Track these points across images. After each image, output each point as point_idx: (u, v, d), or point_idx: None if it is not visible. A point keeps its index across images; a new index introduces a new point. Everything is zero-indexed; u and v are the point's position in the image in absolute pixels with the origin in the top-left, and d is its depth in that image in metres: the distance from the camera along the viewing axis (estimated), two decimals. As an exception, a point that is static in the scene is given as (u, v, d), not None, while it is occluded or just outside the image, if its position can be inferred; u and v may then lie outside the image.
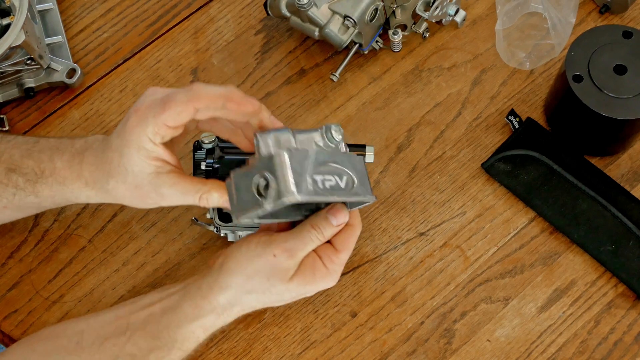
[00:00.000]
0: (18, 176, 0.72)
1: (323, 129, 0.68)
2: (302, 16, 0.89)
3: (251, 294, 0.70)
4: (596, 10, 0.98)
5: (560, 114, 0.89)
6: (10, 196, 0.73)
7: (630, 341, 0.83)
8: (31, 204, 0.75)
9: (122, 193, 0.68)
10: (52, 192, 0.73)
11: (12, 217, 0.79)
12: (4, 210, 0.76)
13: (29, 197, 0.73)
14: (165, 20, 0.99)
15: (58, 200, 0.74)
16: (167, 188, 0.66)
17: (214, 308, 0.70)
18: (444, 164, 0.91)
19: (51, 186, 0.72)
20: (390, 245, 0.87)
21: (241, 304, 0.71)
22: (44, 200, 0.74)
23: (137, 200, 0.69)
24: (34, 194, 0.73)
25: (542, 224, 0.87)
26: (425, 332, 0.83)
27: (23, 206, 0.75)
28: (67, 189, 0.72)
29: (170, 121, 0.63)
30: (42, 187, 0.72)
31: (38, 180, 0.72)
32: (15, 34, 0.85)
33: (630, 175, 0.90)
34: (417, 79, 0.95)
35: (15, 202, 0.74)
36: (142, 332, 0.69)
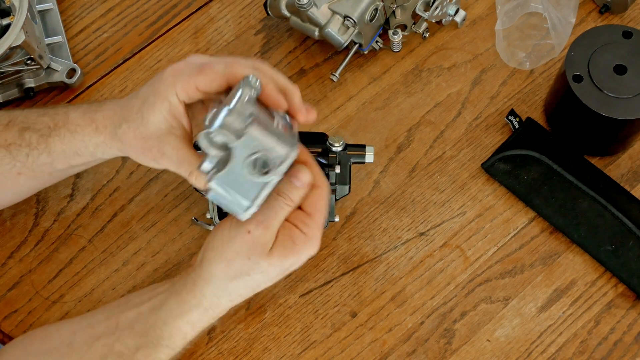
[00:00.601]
0: (32, 134, 0.74)
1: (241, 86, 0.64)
2: (302, 16, 0.89)
3: (236, 280, 0.68)
4: (596, 10, 0.98)
5: (560, 114, 0.89)
6: (24, 157, 0.74)
7: (630, 341, 0.83)
8: (44, 166, 0.75)
9: (129, 139, 0.69)
10: (64, 145, 0.73)
11: (26, 186, 0.78)
12: (18, 177, 0.75)
13: (41, 157, 0.74)
14: (165, 20, 0.99)
15: (68, 155, 0.74)
16: (170, 149, 0.67)
17: (200, 302, 0.69)
18: (444, 164, 0.91)
19: (63, 138, 0.73)
20: (390, 245, 0.87)
21: (228, 293, 0.69)
22: (56, 159, 0.74)
23: (139, 151, 0.69)
24: (47, 151, 0.74)
25: (542, 224, 0.87)
26: (425, 332, 0.83)
27: (36, 170, 0.75)
28: (77, 136, 0.73)
29: (201, 85, 0.66)
30: (54, 140, 0.73)
31: (51, 134, 0.73)
32: (15, 34, 0.85)
33: (630, 175, 0.90)
34: (417, 79, 0.95)
35: (28, 164, 0.74)
36: (130, 331, 0.69)
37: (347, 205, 0.88)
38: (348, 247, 0.87)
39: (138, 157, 0.70)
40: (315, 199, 0.69)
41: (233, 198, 0.64)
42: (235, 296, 0.70)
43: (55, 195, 0.89)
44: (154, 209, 0.89)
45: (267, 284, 0.70)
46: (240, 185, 0.63)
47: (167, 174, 0.90)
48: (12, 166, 0.74)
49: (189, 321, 0.69)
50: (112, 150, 0.73)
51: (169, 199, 0.89)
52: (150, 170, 0.90)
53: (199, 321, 0.70)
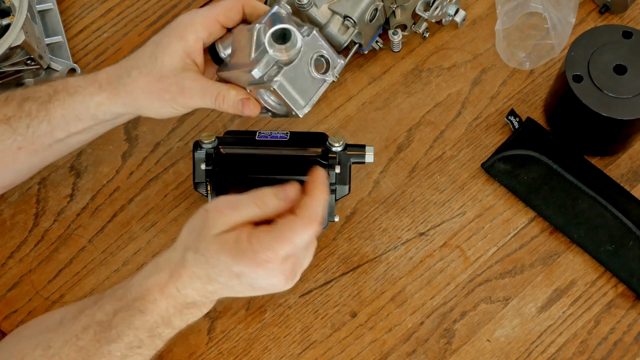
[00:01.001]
0: (31, 103, 0.74)
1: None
2: (302, 16, 0.89)
3: (187, 251, 0.66)
4: (596, 10, 0.98)
5: (560, 114, 0.89)
6: (24, 129, 0.74)
7: (630, 341, 0.83)
8: (44, 137, 0.75)
9: (141, 86, 0.70)
10: (64, 110, 0.73)
11: (27, 163, 0.78)
12: (18, 153, 0.75)
13: (42, 126, 0.74)
14: (165, 20, 0.99)
15: (69, 119, 0.74)
16: (190, 81, 0.68)
17: (168, 266, 0.67)
18: (444, 164, 0.91)
19: (63, 102, 0.73)
20: (390, 245, 0.87)
21: (183, 262, 0.66)
22: (56, 127, 0.74)
23: (154, 95, 0.69)
24: (47, 118, 0.74)
25: (542, 224, 0.87)
26: (425, 332, 0.83)
27: (37, 141, 0.75)
28: (78, 97, 0.73)
29: (222, 16, 0.68)
30: (54, 105, 0.74)
31: (51, 99, 0.74)
32: (15, 34, 0.85)
33: (630, 175, 0.90)
34: (417, 79, 0.95)
35: (29, 136, 0.74)
36: (111, 298, 0.69)
37: (347, 205, 0.88)
38: (348, 247, 0.87)
39: (152, 103, 0.70)
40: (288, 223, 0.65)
41: (292, 96, 0.67)
42: (190, 265, 0.66)
43: (55, 195, 0.89)
44: (154, 209, 0.89)
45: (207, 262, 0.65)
46: (300, 84, 0.67)
47: (166, 174, 0.90)
48: (13, 140, 0.74)
49: (158, 283, 0.67)
50: (115, 108, 0.72)
51: (169, 199, 0.89)
52: (150, 170, 0.90)
53: (165, 285, 0.67)
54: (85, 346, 0.67)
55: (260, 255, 0.63)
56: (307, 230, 0.64)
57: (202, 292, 0.67)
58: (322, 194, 0.65)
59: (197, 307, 0.69)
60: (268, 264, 0.63)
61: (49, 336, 0.69)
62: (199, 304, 0.68)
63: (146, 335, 0.68)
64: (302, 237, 0.64)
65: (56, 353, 0.67)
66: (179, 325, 0.69)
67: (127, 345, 0.67)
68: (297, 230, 0.63)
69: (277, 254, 0.63)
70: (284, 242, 0.63)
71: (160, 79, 0.70)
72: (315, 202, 0.65)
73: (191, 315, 0.69)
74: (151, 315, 0.67)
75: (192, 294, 0.67)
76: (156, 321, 0.67)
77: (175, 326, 0.69)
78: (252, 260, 0.63)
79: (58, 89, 0.74)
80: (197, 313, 0.69)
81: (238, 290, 0.67)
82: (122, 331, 0.67)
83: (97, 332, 0.67)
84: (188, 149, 0.91)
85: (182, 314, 0.68)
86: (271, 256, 0.63)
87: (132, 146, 0.92)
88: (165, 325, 0.68)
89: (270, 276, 0.64)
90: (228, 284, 0.66)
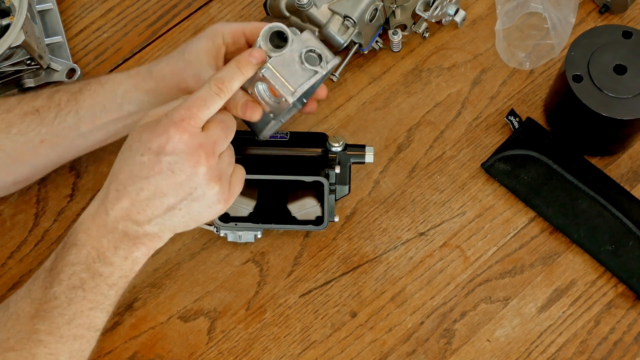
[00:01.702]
0: (62, 94, 0.77)
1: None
2: (302, 16, 0.89)
3: (119, 156, 0.66)
4: (596, 10, 0.98)
5: (560, 114, 0.89)
6: (51, 120, 0.76)
7: (630, 341, 0.83)
8: (68, 130, 0.77)
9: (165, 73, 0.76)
10: (92, 100, 0.76)
11: (45, 158, 0.79)
12: (39, 147, 0.77)
13: (69, 117, 0.76)
14: (165, 20, 0.99)
15: (95, 110, 0.76)
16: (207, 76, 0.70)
17: (99, 195, 0.67)
18: (444, 164, 0.91)
19: (93, 92, 0.77)
20: (390, 245, 0.87)
21: (110, 177, 0.66)
22: (82, 118, 0.76)
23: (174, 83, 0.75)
24: (75, 109, 0.76)
25: (542, 224, 0.87)
26: (425, 332, 0.83)
27: (60, 134, 0.77)
28: (107, 87, 0.76)
29: (248, 31, 0.76)
30: (84, 96, 0.77)
31: (82, 90, 0.77)
32: (15, 34, 0.85)
33: (630, 175, 0.90)
34: (417, 79, 0.95)
35: (54, 128, 0.76)
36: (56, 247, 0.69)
37: (347, 205, 0.88)
38: (348, 247, 0.87)
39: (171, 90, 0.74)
40: None
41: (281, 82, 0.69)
42: (116, 185, 0.66)
43: (55, 195, 0.89)
44: (154, 209, 0.89)
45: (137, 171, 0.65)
46: (289, 71, 0.69)
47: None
48: (37, 133, 0.76)
49: (90, 211, 0.67)
50: (139, 95, 0.76)
51: (169, 199, 0.89)
52: (150, 170, 0.90)
53: (97, 212, 0.66)
54: (36, 296, 0.67)
55: (173, 116, 0.64)
56: (216, 95, 0.66)
57: (128, 209, 0.65)
58: (237, 61, 0.68)
59: (130, 240, 0.67)
60: (182, 123, 0.64)
61: (9, 297, 0.69)
62: (132, 236, 0.66)
63: (85, 273, 0.66)
64: (213, 99, 0.66)
65: (13, 311, 0.67)
66: (119, 264, 0.67)
67: (68, 285, 0.66)
68: (206, 92, 0.66)
69: (190, 112, 0.64)
70: (195, 102, 0.65)
71: (183, 70, 0.75)
72: (228, 67, 0.67)
73: (127, 251, 0.67)
74: (84, 247, 0.66)
75: (120, 214, 0.65)
76: (90, 253, 0.66)
77: (114, 264, 0.67)
78: (166, 124, 0.64)
79: (90, 81, 0.78)
80: (133, 249, 0.67)
81: (162, 188, 0.65)
82: (61, 269, 0.66)
83: (43, 279, 0.67)
84: (188, 149, 0.91)
85: (116, 248, 0.66)
86: (184, 114, 0.64)
87: (132, 146, 0.92)
88: (102, 261, 0.66)
89: (187, 146, 0.64)
90: (150, 178, 0.64)
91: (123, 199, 0.65)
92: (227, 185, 0.68)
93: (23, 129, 0.76)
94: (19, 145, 0.77)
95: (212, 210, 0.68)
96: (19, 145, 0.77)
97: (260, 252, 0.86)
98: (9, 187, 0.82)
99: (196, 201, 0.67)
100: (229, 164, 0.69)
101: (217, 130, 0.66)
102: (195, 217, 0.68)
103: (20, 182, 0.83)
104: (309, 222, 0.83)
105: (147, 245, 0.68)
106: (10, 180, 0.81)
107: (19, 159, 0.78)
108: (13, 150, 0.77)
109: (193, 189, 0.66)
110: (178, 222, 0.68)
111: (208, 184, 0.66)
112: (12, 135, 0.76)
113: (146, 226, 0.67)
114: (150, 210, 0.66)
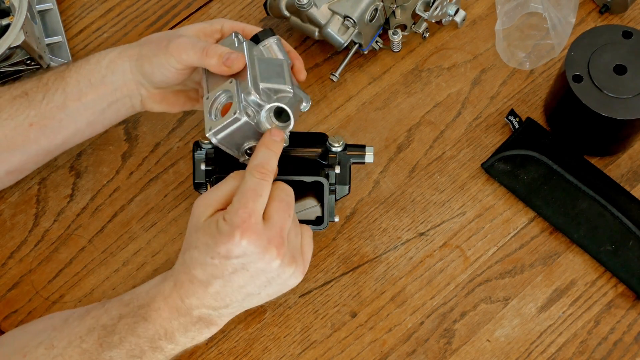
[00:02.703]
0: (50, 74, 0.78)
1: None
2: (302, 16, 0.89)
3: (185, 252, 0.67)
4: (596, 10, 0.98)
5: (560, 114, 0.89)
6: (39, 101, 0.76)
7: (630, 341, 0.83)
8: (56, 109, 0.77)
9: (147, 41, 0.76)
10: (79, 75, 0.76)
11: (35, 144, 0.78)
12: (29, 130, 0.77)
13: (56, 96, 0.76)
14: (165, 20, 0.99)
15: (82, 86, 0.76)
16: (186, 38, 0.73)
17: (173, 275, 0.68)
18: (444, 164, 0.91)
19: (79, 68, 0.77)
20: (390, 245, 0.87)
21: (184, 266, 0.67)
22: (69, 95, 0.76)
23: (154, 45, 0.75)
24: (62, 87, 0.76)
25: (542, 224, 0.87)
26: (425, 332, 0.83)
27: (48, 115, 0.76)
28: (93, 60, 0.77)
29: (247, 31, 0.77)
30: (71, 72, 0.77)
31: (68, 67, 0.78)
32: (14, 34, 0.85)
33: (630, 175, 0.90)
34: (417, 79, 0.95)
35: (42, 108, 0.76)
36: (117, 303, 0.69)
37: (347, 205, 0.88)
38: (348, 247, 0.87)
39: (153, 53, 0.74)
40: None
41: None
42: (190, 278, 0.66)
43: (55, 195, 0.89)
44: (154, 209, 0.89)
45: (211, 271, 0.65)
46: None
47: (166, 174, 0.90)
48: (26, 116, 0.76)
49: (162, 291, 0.67)
50: (123, 63, 0.75)
51: (169, 199, 0.89)
52: (150, 170, 0.90)
53: (170, 295, 0.67)
54: (88, 349, 0.67)
55: (234, 221, 0.63)
56: (263, 181, 0.65)
57: (205, 299, 0.66)
58: (265, 144, 0.67)
59: (203, 323, 0.68)
60: (245, 224, 0.63)
61: (53, 334, 0.69)
62: (206, 319, 0.68)
63: (148, 346, 0.67)
64: (262, 186, 0.65)
65: (59, 353, 0.67)
66: (184, 342, 0.69)
67: (128, 352, 0.67)
68: (253, 182, 0.65)
69: (248, 209, 0.63)
70: (247, 196, 0.64)
71: (169, 34, 0.75)
72: (260, 151, 0.67)
73: (197, 333, 0.68)
74: (153, 324, 0.67)
75: (196, 303, 0.67)
76: (158, 332, 0.67)
77: (179, 342, 0.68)
78: (229, 230, 0.63)
79: (78, 60, 0.78)
80: (204, 331, 0.69)
81: (240, 283, 0.66)
82: (125, 337, 0.66)
83: (100, 336, 0.67)
84: (188, 149, 0.91)
85: (187, 330, 0.68)
86: (243, 214, 0.63)
87: (132, 146, 0.92)
88: (168, 340, 0.68)
89: (257, 246, 0.63)
90: (226, 277, 0.65)
91: (199, 292, 0.66)
92: (300, 258, 0.69)
93: (12, 113, 0.76)
94: (8, 131, 0.77)
95: (291, 285, 0.69)
96: (8, 131, 0.77)
97: (260, 252, 0.86)
98: (2, 179, 0.81)
99: (274, 284, 0.67)
100: (296, 235, 0.69)
101: (279, 215, 0.66)
102: (273, 294, 0.69)
103: (14, 173, 0.81)
104: (309, 222, 0.83)
105: (218, 325, 0.69)
106: (3, 170, 0.80)
107: (10, 145, 0.78)
108: (3, 136, 0.77)
109: (270, 278, 0.66)
110: (256, 301, 0.69)
111: (285, 270, 0.67)
112: (2, 120, 0.76)
113: (223, 310, 0.68)
114: (229, 298, 0.67)
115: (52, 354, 0.67)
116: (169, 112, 0.81)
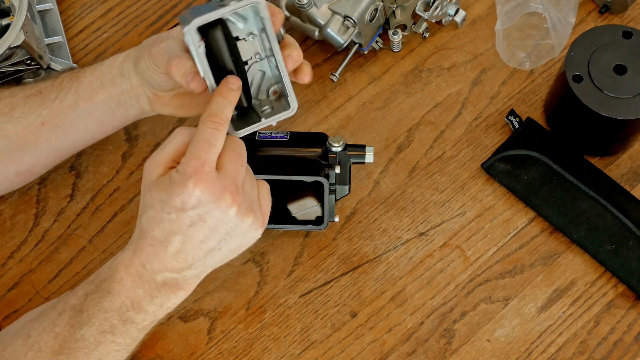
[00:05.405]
0: (66, 75, 0.79)
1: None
2: (302, 16, 0.89)
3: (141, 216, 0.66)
4: (596, 10, 0.98)
5: (560, 114, 0.89)
6: (52, 100, 0.77)
7: (630, 341, 0.83)
8: (68, 109, 0.77)
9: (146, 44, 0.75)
10: (92, 76, 0.77)
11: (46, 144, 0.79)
12: (41, 129, 0.77)
13: (69, 95, 0.77)
14: (165, 20, 0.99)
15: (94, 87, 0.77)
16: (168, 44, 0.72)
17: (132, 242, 0.67)
18: (444, 164, 0.91)
19: (94, 69, 0.78)
20: (390, 245, 0.87)
21: (141, 231, 0.66)
22: (81, 95, 0.77)
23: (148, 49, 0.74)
24: (75, 87, 0.77)
25: (542, 224, 0.87)
26: (425, 332, 0.83)
27: (59, 114, 0.77)
28: (106, 62, 0.78)
29: None
30: (85, 73, 0.78)
31: (85, 68, 0.79)
32: (14, 34, 0.85)
33: (630, 175, 0.90)
34: (417, 79, 0.95)
35: (54, 108, 0.77)
36: (84, 283, 0.69)
37: (347, 205, 0.88)
38: (348, 247, 0.87)
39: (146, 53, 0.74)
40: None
41: None
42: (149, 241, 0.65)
43: (55, 195, 0.89)
44: (154, 209, 0.89)
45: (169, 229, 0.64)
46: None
47: (167, 174, 0.90)
48: (38, 115, 0.77)
49: (122, 261, 0.66)
50: (128, 65, 0.76)
51: (169, 199, 0.89)
52: (150, 170, 0.90)
53: (130, 263, 0.66)
54: (61, 332, 0.67)
55: (187, 171, 0.63)
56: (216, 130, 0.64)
57: (166, 261, 0.65)
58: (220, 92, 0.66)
59: (169, 288, 0.67)
60: (197, 174, 0.63)
61: (30, 325, 0.69)
62: (171, 284, 0.67)
63: (117, 319, 0.66)
64: (216, 136, 0.64)
65: (35, 341, 0.67)
66: (153, 310, 0.67)
67: (98, 329, 0.66)
68: (206, 132, 0.64)
69: (200, 159, 0.63)
70: (199, 146, 0.63)
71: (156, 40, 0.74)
72: (214, 100, 0.66)
73: (164, 299, 0.67)
74: (118, 296, 0.66)
75: (158, 267, 0.65)
76: (124, 303, 0.66)
77: (148, 312, 0.67)
78: (182, 180, 0.63)
79: (93, 64, 0.79)
80: (171, 296, 0.67)
81: (199, 237, 0.65)
82: (92, 314, 0.66)
83: (70, 317, 0.67)
84: (188, 149, 0.91)
85: (153, 297, 0.67)
86: (196, 164, 0.63)
87: (132, 146, 0.92)
88: (136, 310, 0.66)
89: (211, 194, 0.63)
90: (185, 232, 0.64)
91: (160, 255, 0.65)
92: (258, 210, 0.68)
93: (25, 111, 0.77)
94: (20, 129, 0.77)
95: (250, 237, 0.68)
96: (20, 129, 0.77)
97: (260, 252, 0.86)
98: (12, 179, 0.81)
99: (234, 237, 0.67)
100: (252, 187, 0.68)
101: (232, 164, 0.65)
102: (235, 250, 0.68)
103: (24, 174, 0.81)
104: (309, 222, 0.83)
105: (185, 289, 0.68)
106: (13, 170, 0.80)
107: (21, 144, 0.78)
108: (15, 135, 0.77)
109: (229, 228, 0.66)
110: (219, 259, 0.68)
111: (242, 220, 0.66)
112: (15, 118, 0.77)
113: (186, 271, 0.67)
114: (190, 257, 0.66)
115: (29, 343, 0.67)
116: (178, 115, 0.80)
